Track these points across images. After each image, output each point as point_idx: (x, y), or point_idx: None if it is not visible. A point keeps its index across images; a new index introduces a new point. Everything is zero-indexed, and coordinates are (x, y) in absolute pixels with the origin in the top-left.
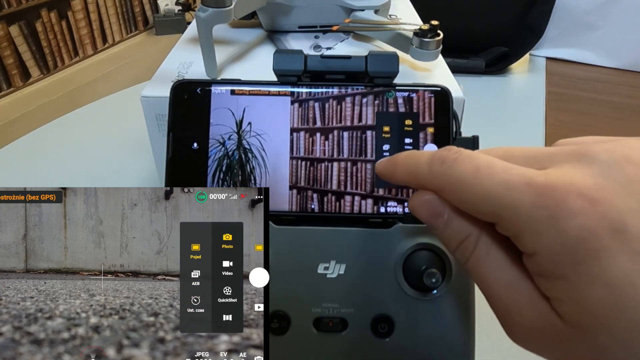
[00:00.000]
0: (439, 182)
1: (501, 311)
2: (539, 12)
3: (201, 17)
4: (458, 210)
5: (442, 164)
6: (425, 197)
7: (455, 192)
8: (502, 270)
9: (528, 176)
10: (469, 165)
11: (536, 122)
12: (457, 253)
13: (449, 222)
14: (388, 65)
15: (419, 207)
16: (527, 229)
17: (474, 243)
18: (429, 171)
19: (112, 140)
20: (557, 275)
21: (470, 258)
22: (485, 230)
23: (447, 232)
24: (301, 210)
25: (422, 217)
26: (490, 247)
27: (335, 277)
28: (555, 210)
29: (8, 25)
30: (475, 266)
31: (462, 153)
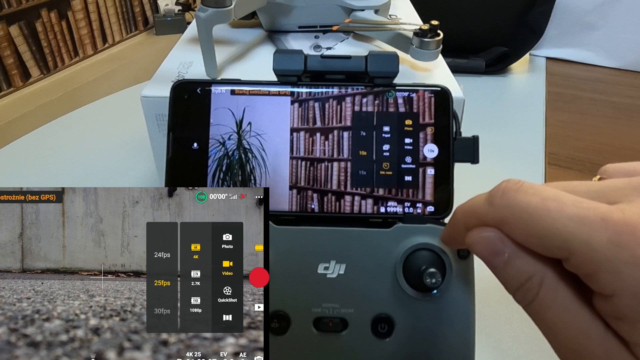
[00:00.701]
0: (501, 214)
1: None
2: (539, 12)
3: (201, 17)
4: (520, 248)
5: (504, 195)
6: (485, 234)
7: (521, 224)
8: (572, 314)
9: (603, 211)
10: (534, 196)
11: (536, 122)
12: (518, 294)
13: (511, 261)
14: (388, 65)
15: (476, 244)
16: (606, 268)
17: (538, 284)
18: (489, 205)
19: (112, 140)
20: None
21: (534, 301)
22: (551, 270)
23: (507, 272)
24: (301, 210)
25: (481, 255)
26: (557, 288)
27: (335, 277)
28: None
29: (8, 25)
30: (540, 310)
31: (524, 184)
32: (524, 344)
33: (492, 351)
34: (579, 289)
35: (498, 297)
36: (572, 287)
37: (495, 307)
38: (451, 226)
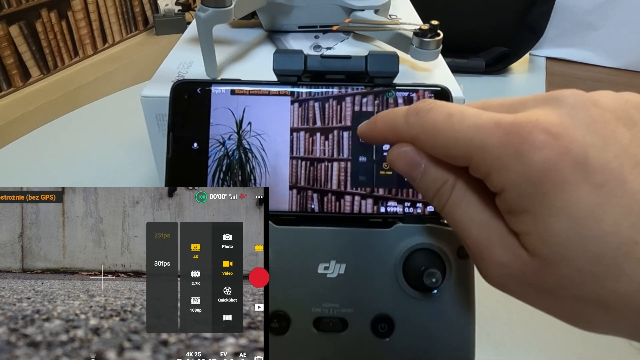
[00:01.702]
0: (414, 131)
1: (474, 251)
2: (539, 12)
3: (201, 17)
4: (434, 160)
5: (417, 114)
6: (403, 149)
7: (429, 139)
8: (476, 211)
9: (497, 118)
10: (442, 113)
11: None
12: (435, 200)
13: (426, 172)
14: (388, 65)
15: (397, 158)
16: (495, 167)
17: (450, 188)
18: (406, 122)
19: (112, 140)
20: (523, 209)
21: (446, 204)
22: (461, 177)
23: (424, 182)
24: (301, 210)
25: (401, 169)
26: (466, 191)
27: (335, 277)
28: (520, 145)
29: (8, 25)
30: (451, 211)
31: (436, 103)
32: (524, 344)
33: (492, 351)
34: (485, 193)
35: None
36: (479, 190)
37: (495, 307)
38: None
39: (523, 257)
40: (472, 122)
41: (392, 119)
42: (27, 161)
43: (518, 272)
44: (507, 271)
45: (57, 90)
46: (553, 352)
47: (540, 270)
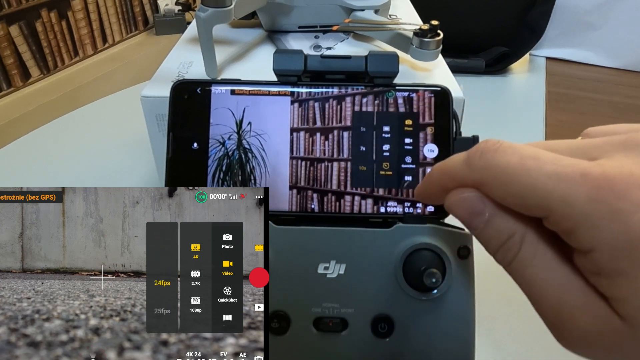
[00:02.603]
0: (479, 175)
1: (552, 315)
2: (539, 12)
3: (201, 17)
4: (500, 207)
5: (482, 156)
6: (465, 195)
7: (499, 184)
8: (552, 270)
9: (582, 167)
10: (513, 156)
11: (536, 122)
12: (499, 254)
13: (491, 221)
14: (388, 65)
15: (456, 205)
16: (584, 224)
17: (519, 243)
18: (468, 166)
19: (112, 140)
20: (618, 273)
21: (515, 259)
22: (531, 228)
23: (488, 232)
24: (301, 210)
25: (460, 217)
26: (537, 246)
27: (335, 277)
28: (616, 203)
29: (8, 25)
30: (520, 268)
31: (503, 144)
32: (524, 343)
33: (492, 351)
34: (560, 247)
35: (498, 297)
36: (552, 245)
37: (495, 307)
38: (426, 184)
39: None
40: (551, 169)
41: (450, 165)
42: (27, 161)
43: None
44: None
45: (57, 90)
46: (553, 352)
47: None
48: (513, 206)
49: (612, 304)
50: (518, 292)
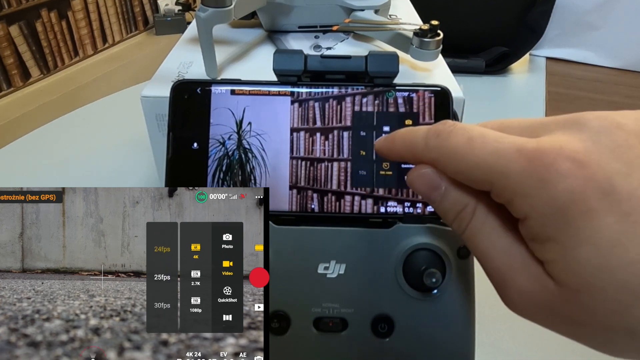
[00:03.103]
0: (434, 154)
1: (496, 277)
2: (539, 12)
3: (201, 17)
4: (455, 182)
5: (438, 137)
6: (423, 171)
7: (450, 163)
8: (497, 236)
9: (519, 143)
10: (462, 137)
11: None
12: (455, 224)
13: (446, 194)
14: (388, 65)
15: (416, 180)
16: (519, 194)
17: (471, 213)
18: (425, 145)
19: (112, 140)
20: (548, 238)
21: (467, 228)
22: (482, 201)
23: (444, 204)
24: (301, 210)
25: (420, 191)
26: (487, 216)
27: (335, 277)
28: (544, 173)
29: (8, 25)
30: (471, 235)
31: (456, 125)
32: (524, 343)
33: (492, 351)
34: (507, 218)
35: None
36: (500, 215)
37: (495, 307)
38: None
39: (548, 285)
40: (493, 147)
41: (411, 139)
42: (27, 161)
43: (543, 301)
44: (532, 299)
45: (57, 90)
46: (553, 352)
47: (566, 299)
48: (463, 181)
49: (546, 267)
50: None
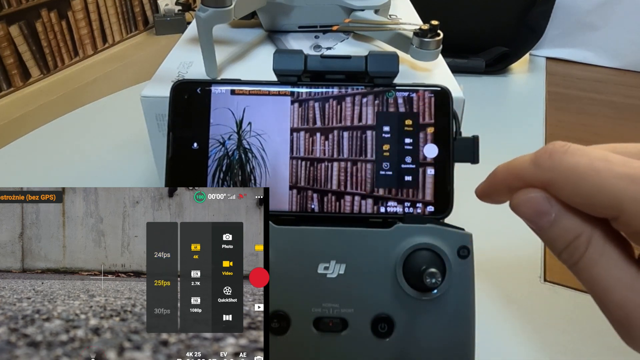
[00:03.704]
0: (548, 176)
1: (619, 315)
2: (539, 12)
3: (201, 17)
4: (567, 208)
5: (551, 157)
6: (532, 195)
7: (568, 185)
8: (619, 270)
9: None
10: (582, 157)
11: (536, 122)
12: (565, 254)
13: (557, 221)
14: (388, 65)
15: (522, 205)
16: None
17: (586, 243)
18: (535, 166)
19: (112, 140)
20: None
21: (581, 259)
22: (598, 229)
23: (554, 232)
24: (301, 210)
25: (526, 216)
26: (605, 246)
27: (335, 277)
28: None
29: (8, 25)
30: (587, 268)
31: (572, 145)
32: (524, 344)
33: (492, 351)
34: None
35: (498, 297)
36: (619, 245)
37: (496, 307)
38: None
39: None
40: (622, 170)
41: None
42: (27, 161)
43: None
44: None
45: (57, 90)
46: (553, 352)
47: None
48: (581, 207)
49: None
50: (518, 292)
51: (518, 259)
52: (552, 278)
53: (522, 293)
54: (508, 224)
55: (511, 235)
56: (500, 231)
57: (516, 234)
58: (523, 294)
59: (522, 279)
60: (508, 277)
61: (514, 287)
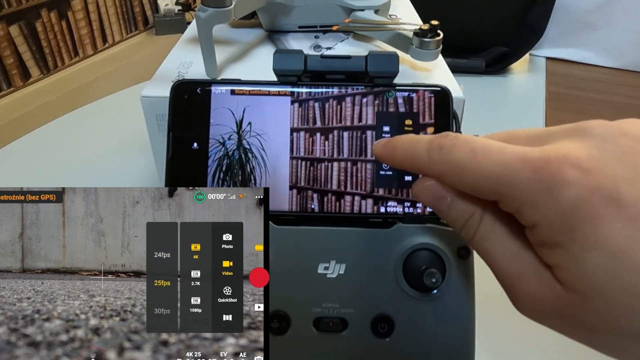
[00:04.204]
0: (438, 168)
1: (507, 282)
2: (539, 12)
3: (201, 17)
4: (460, 193)
5: (440, 151)
6: (427, 183)
7: (455, 176)
8: (506, 243)
9: (522, 153)
10: (466, 150)
11: (536, 122)
12: (463, 232)
13: (453, 204)
14: (388, 65)
15: (422, 192)
16: (526, 203)
17: (478, 220)
18: (428, 158)
19: (112, 140)
20: (556, 244)
21: (475, 235)
22: (489, 208)
23: (451, 214)
24: (301, 210)
25: (426, 202)
26: (494, 223)
27: (335, 277)
28: (550, 181)
29: (8, 25)
30: (480, 242)
31: (459, 138)
32: (523, 344)
33: (492, 351)
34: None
35: (498, 297)
36: (508, 223)
37: (495, 307)
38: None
39: (557, 290)
40: (497, 158)
41: (413, 151)
42: (27, 161)
43: (553, 305)
44: (541, 303)
45: (57, 90)
46: (553, 352)
47: (575, 304)
48: (470, 193)
49: (554, 272)
50: None
51: None
52: None
53: None
54: None
55: None
56: None
57: None
58: None
59: None
60: None
61: None
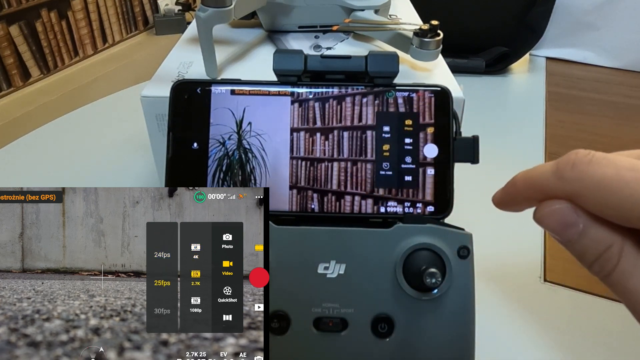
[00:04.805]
0: (573, 187)
1: None
2: (539, 12)
3: (201, 17)
4: (595, 219)
5: (574, 168)
6: (557, 206)
7: (596, 197)
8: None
9: None
10: (608, 167)
11: (536, 122)
12: (597, 266)
13: (586, 232)
14: (388, 65)
15: (547, 216)
16: None
17: (618, 254)
18: (558, 178)
19: (112, 140)
20: None
21: (614, 271)
22: (629, 238)
23: (583, 244)
24: (301, 210)
25: (551, 228)
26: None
27: (335, 277)
28: None
29: (8, 25)
30: (621, 279)
31: (596, 154)
32: (524, 344)
33: (492, 351)
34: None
35: (498, 297)
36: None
37: (495, 307)
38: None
39: None
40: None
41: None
42: (27, 161)
43: None
44: None
45: (57, 90)
46: (553, 352)
47: None
48: (611, 218)
49: None
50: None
51: (518, 259)
52: (552, 278)
53: (522, 293)
54: (508, 224)
55: (511, 235)
56: (501, 231)
57: (516, 234)
58: (523, 294)
59: (522, 279)
60: (508, 277)
61: (514, 287)
